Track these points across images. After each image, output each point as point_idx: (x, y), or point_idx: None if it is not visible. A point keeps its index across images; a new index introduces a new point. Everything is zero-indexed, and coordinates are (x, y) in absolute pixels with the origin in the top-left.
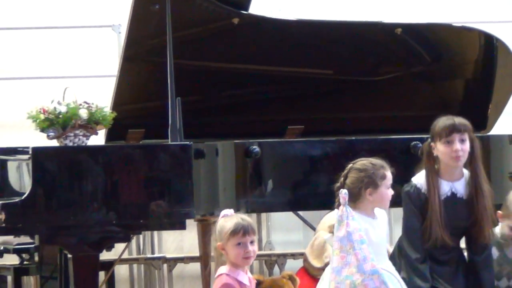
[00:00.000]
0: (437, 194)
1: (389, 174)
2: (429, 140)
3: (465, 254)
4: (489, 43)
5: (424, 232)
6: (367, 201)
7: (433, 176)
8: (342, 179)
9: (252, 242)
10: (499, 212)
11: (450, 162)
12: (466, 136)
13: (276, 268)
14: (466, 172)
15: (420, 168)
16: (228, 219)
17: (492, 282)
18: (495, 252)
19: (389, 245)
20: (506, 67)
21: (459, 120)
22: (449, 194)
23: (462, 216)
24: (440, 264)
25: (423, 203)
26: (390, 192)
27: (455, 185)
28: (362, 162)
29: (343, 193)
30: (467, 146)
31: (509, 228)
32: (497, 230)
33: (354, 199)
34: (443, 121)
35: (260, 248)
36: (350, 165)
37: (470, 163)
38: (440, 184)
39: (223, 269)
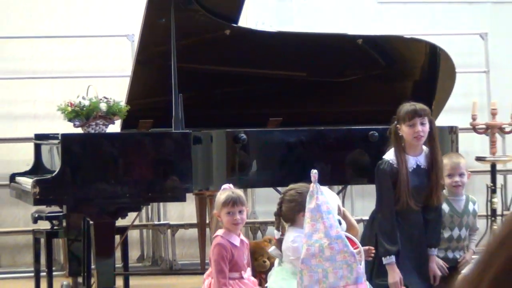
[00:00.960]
0: (405, 166)
1: None
2: (395, 122)
3: None
4: (433, 51)
5: (394, 198)
6: (302, 219)
7: (401, 152)
8: (278, 207)
9: (240, 212)
10: None
11: (413, 141)
12: (425, 120)
13: (259, 233)
14: (424, 147)
15: (389, 147)
16: (222, 192)
17: (438, 238)
18: (446, 207)
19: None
20: (446, 71)
21: (420, 106)
22: (414, 166)
23: (424, 184)
24: (406, 231)
25: (394, 175)
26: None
27: (418, 158)
28: (290, 193)
29: (314, 173)
30: (426, 127)
31: (448, 178)
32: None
33: (291, 222)
34: (406, 107)
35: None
36: (282, 196)
37: (429, 141)
38: (407, 159)
39: (220, 232)
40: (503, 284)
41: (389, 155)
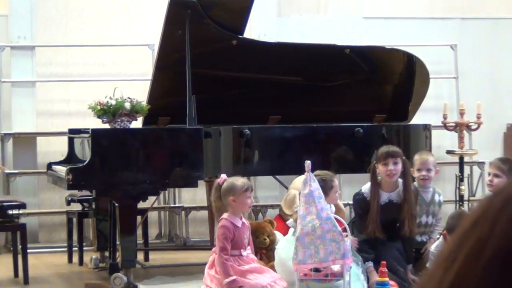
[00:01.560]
0: (376, 201)
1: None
2: (374, 162)
3: None
4: (410, 60)
5: (365, 226)
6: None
7: (375, 188)
8: None
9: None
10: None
11: (386, 178)
12: (398, 160)
13: (260, 215)
14: (400, 182)
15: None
16: (234, 180)
17: (411, 259)
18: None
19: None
20: (422, 76)
21: (393, 148)
22: (387, 200)
23: (394, 216)
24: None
25: (367, 206)
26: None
27: (391, 194)
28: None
29: (307, 163)
30: (399, 167)
31: (417, 172)
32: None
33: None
34: (382, 149)
35: None
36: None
37: (403, 177)
38: (380, 194)
39: (225, 215)
40: (473, 264)
41: (365, 188)
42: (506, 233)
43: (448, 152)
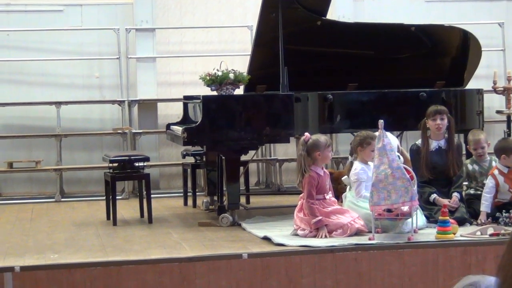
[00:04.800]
0: (425, 148)
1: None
2: (425, 118)
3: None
4: (465, 35)
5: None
6: (361, 154)
7: (425, 138)
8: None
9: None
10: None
11: (435, 131)
12: (444, 116)
13: (340, 165)
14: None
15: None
16: (317, 137)
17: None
18: (476, 168)
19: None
20: (475, 50)
21: (440, 107)
22: (437, 147)
23: (443, 160)
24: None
25: (420, 154)
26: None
27: (440, 142)
28: (357, 134)
29: (381, 122)
30: (445, 121)
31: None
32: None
33: (356, 155)
34: (431, 108)
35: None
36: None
37: (448, 130)
38: (430, 143)
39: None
40: None
41: (419, 141)
42: None
43: (498, 112)
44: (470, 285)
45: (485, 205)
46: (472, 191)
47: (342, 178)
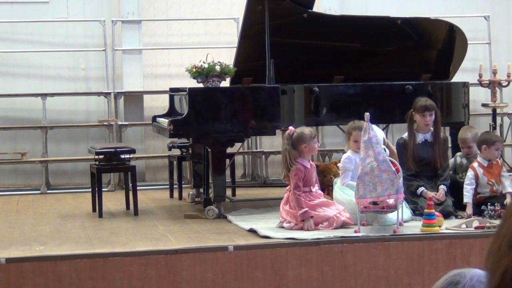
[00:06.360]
0: (412, 141)
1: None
2: (412, 110)
3: None
4: (451, 28)
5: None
6: (350, 144)
7: (411, 131)
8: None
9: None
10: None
11: (424, 127)
12: (433, 112)
13: (326, 158)
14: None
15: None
16: (302, 130)
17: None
18: (465, 161)
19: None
20: (460, 42)
21: (430, 102)
22: (423, 140)
23: (429, 153)
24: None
25: (406, 147)
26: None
27: (426, 135)
28: (348, 125)
29: (367, 115)
30: (433, 117)
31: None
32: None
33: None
34: (421, 102)
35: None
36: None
37: (434, 124)
38: (417, 136)
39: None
40: None
41: (405, 135)
42: None
43: (483, 105)
44: (455, 275)
45: (467, 196)
46: (458, 178)
47: (338, 164)
